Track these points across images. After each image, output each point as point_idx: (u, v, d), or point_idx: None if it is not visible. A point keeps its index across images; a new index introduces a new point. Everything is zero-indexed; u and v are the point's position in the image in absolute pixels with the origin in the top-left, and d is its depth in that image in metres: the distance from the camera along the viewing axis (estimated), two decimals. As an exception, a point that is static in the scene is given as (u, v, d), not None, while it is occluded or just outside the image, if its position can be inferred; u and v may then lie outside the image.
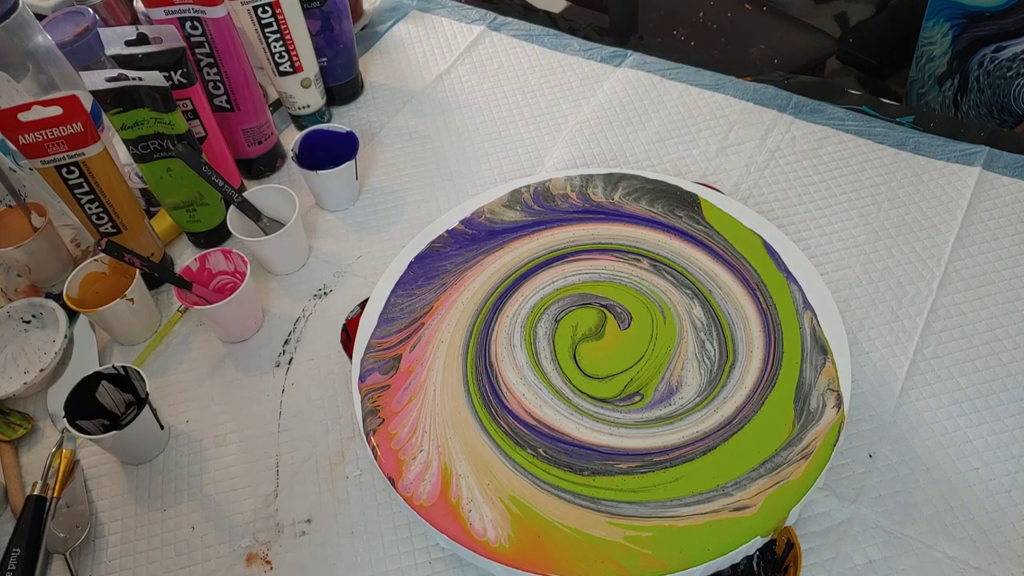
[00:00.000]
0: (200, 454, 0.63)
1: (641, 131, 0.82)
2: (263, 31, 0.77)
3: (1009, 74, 1.35)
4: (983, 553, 0.53)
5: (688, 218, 0.65)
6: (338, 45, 0.85)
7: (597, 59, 0.91)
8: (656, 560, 0.47)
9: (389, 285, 0.63)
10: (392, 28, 0.98)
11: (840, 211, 0.73)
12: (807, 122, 0.81)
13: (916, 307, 0.66)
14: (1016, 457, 0.57)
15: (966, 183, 0.74)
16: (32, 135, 0.61)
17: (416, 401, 0.56)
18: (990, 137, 0.77)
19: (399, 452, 0.53)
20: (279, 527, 0.58)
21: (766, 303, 0.59)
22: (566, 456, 0.52)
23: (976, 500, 0.55)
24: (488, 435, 0.54)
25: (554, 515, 0.50)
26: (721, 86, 0.85)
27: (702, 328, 0.58)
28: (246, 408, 0.65)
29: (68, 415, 0.58)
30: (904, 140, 0.78)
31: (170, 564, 0.57)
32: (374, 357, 0.59)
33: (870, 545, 0.54)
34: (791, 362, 0.56)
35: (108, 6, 0.89)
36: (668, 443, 0.53)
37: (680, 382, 0.56)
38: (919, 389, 0.61)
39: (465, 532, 0.49)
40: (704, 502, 0.49)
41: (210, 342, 0.69)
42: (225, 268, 0.69)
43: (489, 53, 0.93)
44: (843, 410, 0.53)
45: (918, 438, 0.59)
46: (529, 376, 0.57)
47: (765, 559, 0.52)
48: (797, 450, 0.51)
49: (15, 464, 0.63)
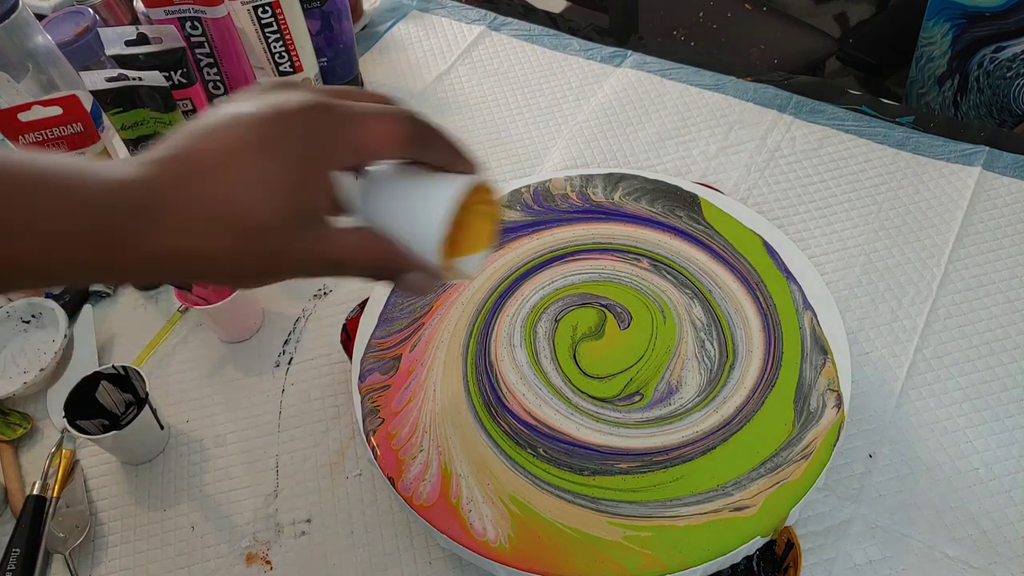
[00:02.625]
0: (200, 454, 0.63)
1: (641, 131, 0.82)
2: (263, 31, 0.77)
3: (1009, 74, 1.34)
4: (983, 553, 0.53)
5: (688, 218, 0.65)
6: (338, 45, 0.85)
7: (597, 59, 0.91)
8: (656, 560, 0.47)
9: (389, 285, 0.63)
10: (392, 28, 0.98)
11: (840, 211, 0.73)
12: (807, 122, 0.81)
13: (916, 307, 0.66)
14: (1016, 457, 0.57)
15: (966, 183, 0.74)
16: (32, 135, 0.61)
17: (416, 401, 0.56)
18: (990, 137, 0.77)
19: (399, 452, 0.53)
20: (279, 527, 0.58)
21: (766, 303, 0.59)
22: (566, 456, 0.52)
23: (976, 500, 0.55)
24: (488, 435, 0.54)
25: (554, 515, 0.50)
26: (721, 86, 0.85)
27: (702, 328, 0.58)
28: (246, 408, 0.65)
29: (68, 415, 0.58)
30: (904, 140, 0.78)
31: (170, 564, 0.57)
32: (374, 357, 0.59)
33: (870, 545, 0.54)
34: (791, 362, 0.56)
35: (108, 6, 0.89)
36: (668, 443, 0.53)
37: (680, 382, 0.56)
38: (919, 389, 0.61)
39: (465, 532, 0.49)
40: (704, 502, 0.49)
41: (210, 342, 0.69)
42: (225, 268, 0.69)
43: (489, 53, 0.93)
44: (843, 410, 0.53)
45: (918, 438, 0.59)
46: (529, 376, 0.57)
47: (765, 559, 0.52)
48: (797, 450, 0.51)
49: (15, 464, 0.63)
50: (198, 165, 0.32)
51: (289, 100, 0.33)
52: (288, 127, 0.33)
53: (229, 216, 0.32)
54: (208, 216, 0.32)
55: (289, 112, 0.33)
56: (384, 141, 0.35)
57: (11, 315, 0.70)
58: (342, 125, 0.34)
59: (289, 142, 0.33)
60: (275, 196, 0.32)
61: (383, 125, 0.35)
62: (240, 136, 0.32)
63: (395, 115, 0.35)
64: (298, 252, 0.34)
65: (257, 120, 0.33)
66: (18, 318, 0.70)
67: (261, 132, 0.32)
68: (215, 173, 0.32)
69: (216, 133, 0.32)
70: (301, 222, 0.33)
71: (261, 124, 0.32)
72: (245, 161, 0.32)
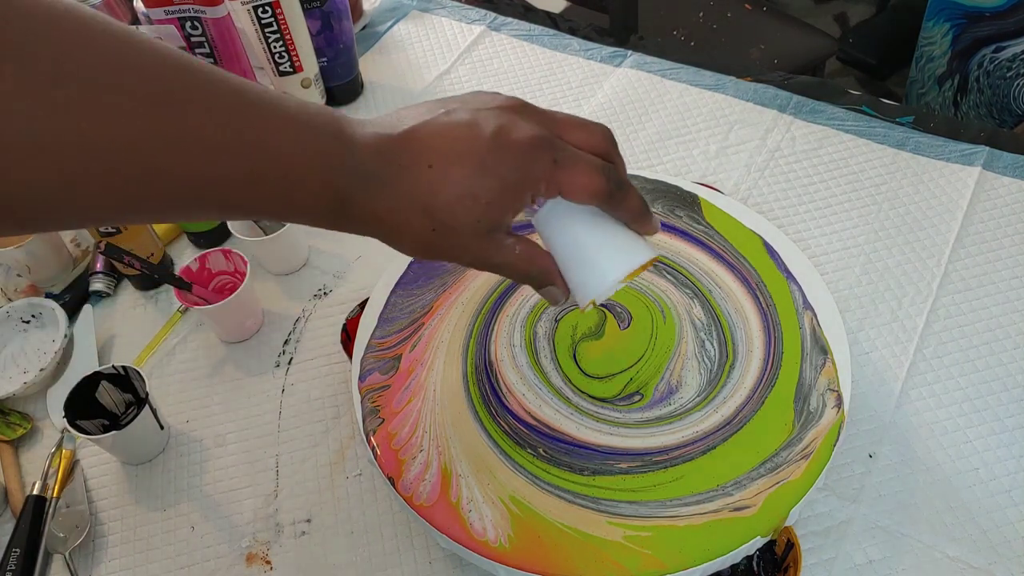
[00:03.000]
0: (200, 454, 0.63)
1: (641, 131, 0.82)
2: (263, 31, 0.77)
3: (1009, 74, 1.35)
4: (983, 553, 0.53)
5: (688, 218, 0.65)
6: (338, 45, 0.85)
7: (597, 59, 0.91)
8: (656, 560, 0.47)
9: (389, 285, 0.63)
10: (392, 28, 0.98)
11: (840, 211, 0.73)
12: (807, 122, 0.81)
13: (916, 307, 0.66)
14: (1016, 457, 0.57)
15: (966, 183, 0.74)
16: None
17: (416, 401, 0.56)
18: (990, 137, 0.77)
19: (399, 452, 0.53)
20: (279, 527, 0.58)
21: (766, 303, 0.59)
22: (566, 456, 0.52)
23: (976, 500, 0.55)
24: (488, 435, 0.54)
25: (554, 515, 0.50)
26: (721, 86, 0.85)
27: (702, 328, 0.58)
28: (246, 408, 0.65)
29: (68, 415, 0.58)
30: (904, 140, 0.78)
31: (170, 564, 0.57)
32: (374, 357, 0.59)
33: (870, 545, 0.54)
34: (791, 362, 0.56)
35: (108, 6, 0.89)
36: (668, 443, 0.53)
37: (680, 382, 0.56)
38: (919, 389, 0.61)
39: (465, 532, 0.49)
40: (704, 502, 0.49)
41: (210, 342, 0.69)
42: (225, 268, 0.69)
43: (489, 53, 0.93)
44: (843, 410, 0.53)
45: (918, 438, 0.59)
46: (529, 376, 0.57)
47: (765, 559, 0.52)
48: (797, 450, 0.51)
49: (15, 464, 0.63)
50: (426, 158, 0.37)
51: (521, 130, 0.38)
52: (511, 156, 0.37)
53: (433, 209, 0.37)
54: (417, 202, 0.37)
55: (518, 144, 0.37)
56: (585, 191, 0.39)
57: (11, 315, 0.70)
58: (556, 167, 0.38)
59: (507, 169, 0.37)
60: (476, 207, 0.37)
61: (590, 178, 0.39)
62: (467, 149, 0.37)
63: (600, 169, 0.39)
64: (474, 250, 0.39)
65: (487, 141, 0.37)
66: (18, 318, 0.70)
67: (487, 152, 0.37)
68: (436, 172, 0.37)
69: (449, 134, 0.37)
70: (488, 231, 0.39)
71: (489, 146, 0.37)
72: (464, 172, 0.37)
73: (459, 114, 0.38)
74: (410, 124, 0.37)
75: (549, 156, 0.38)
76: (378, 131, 0.37)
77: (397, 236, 0.39)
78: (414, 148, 0.37)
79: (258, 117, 0.34)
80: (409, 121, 0.38)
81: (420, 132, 0.37)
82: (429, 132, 0.37)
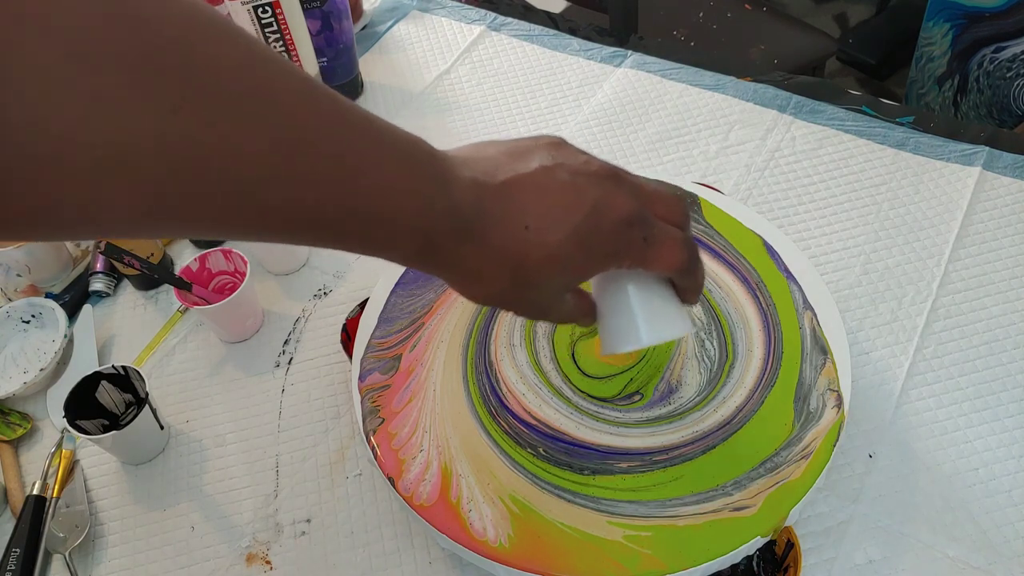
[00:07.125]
0: (200, 454, 0.63)
1: (641, 131, 0.82)
2: (263, 31, 0.77)
3: (1009, 75, 1.35)
4: (983, 553, 0.53)
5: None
6: (338, 45, 0.85)
7: (597, 59, 0.91)
8: (656, 560, 0.47)
9: (389, 285, 0.63)
10: (392, 28, 0.98)
11: (840, 211, 0.73)
12: (807, 122, 0.81)
13: (916, 307, 0.66)
14: (1016, 457, 0.57)
15: (966, 183, 0.74)
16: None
17: (416, 401, 0.56)
18: (990, 137, 0.77)
19: (399, 452, 0.53)
20: (279, 527, 0.58)
21: (766, 303, 0.59)
22: (566, 455, 0.52)
23: (976, 500, 0.55)
24: (488, 435, 0.54)
25: (554, 515, 0.50)
26: (721, 86, 0.85)
27: (702, 327, 0.58)
28: (246, 408, 0.65)
29: (68, 415, 0.58)
30: (904, 140, 0.78)
31: (170, 564, 0.57)
32: (374, 357, 0.59)
33: (870, 545, 0.54)
34: (791, 362, 0.56)
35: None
36: (668, 442, 0.53)
37: (680, 381, 0.56)
38: (919, 389, 0.61)
39: (465, 532, 0.49)
40: (704, 502, 0.49)
41: (210, 342, 0.69)
42: (225, 268, 0.69)
43: (489, 53, 0.93)
44: (843, 410, 0.53)
45: (918, 438, 0.59)
46: (529, 375, 0.57)
47: (765, 559, 0.52)
48: (797, 450, 0.51)
49: (15, 464, 0.63)
50: (523, 219, 0.35)
51: (618, 207, 0.37)
52: (607, 232, 0.37)
53: (518, 268, 0.36)
54: (507, 260, 0.36)
55: (614, 222, 0.37)
56: (668, 267, 0.39)
57: (11, 315, 0.70)
58: (647, 247, 0.38)
59: (600, 243, 0.37)
60: (563, 274, 0.37)
61: (673, 256, 0.39)
62: (566, 218, 0.36)
63: (684, 246, 0.39)
64: (541, 305, 0.40)
65: (586, 214, 0.36)
66: (18, 318, 0.70)
67: (584, 224, 0.36)
68: (532, 234, 0.35)
69: (549, 199, 0.36)
70: (562, 291, 0.39)
71: (588, 219, 0.36)
72: (559, 239, 0.36)
73: (559, 174, 0.36)
74: (509, 175, 0.36)
75: (640, 234, 0.38)
76: (476, 176, 0.35)
77: (471, 283, 0.38)
78: (513, 204, 0.36)
79: (359, 140, 0.31)
80: (507, 170, 0.36)
81: (520, 186, 0.36)
82: (529, 189, 0.36)
